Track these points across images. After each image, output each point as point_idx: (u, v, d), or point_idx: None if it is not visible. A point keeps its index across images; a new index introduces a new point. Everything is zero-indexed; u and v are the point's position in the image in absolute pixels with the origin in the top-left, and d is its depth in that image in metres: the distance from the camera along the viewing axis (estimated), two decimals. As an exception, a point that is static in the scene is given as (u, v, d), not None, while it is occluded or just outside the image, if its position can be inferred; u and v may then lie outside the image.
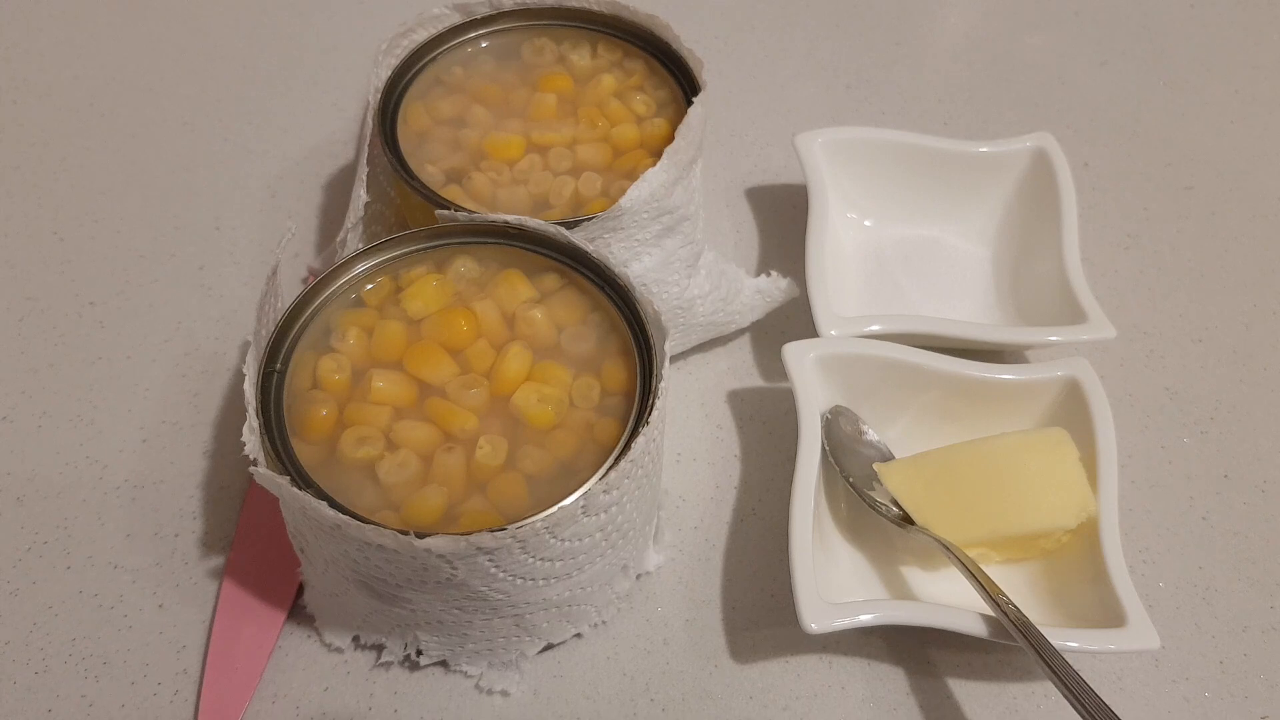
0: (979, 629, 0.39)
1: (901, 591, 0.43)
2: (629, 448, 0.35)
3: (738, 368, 0.52)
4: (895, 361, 0.46)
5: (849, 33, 0.71)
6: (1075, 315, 0.48)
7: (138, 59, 0.67)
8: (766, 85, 0.67)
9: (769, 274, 0.51)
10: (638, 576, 0.44)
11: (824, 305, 0.48)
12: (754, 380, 0.52)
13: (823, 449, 0.43)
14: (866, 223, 0.56)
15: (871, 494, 0.43)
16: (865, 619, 0.38)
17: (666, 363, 0.37)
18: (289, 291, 0.40)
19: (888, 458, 0.45)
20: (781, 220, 0.58)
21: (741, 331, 0.53)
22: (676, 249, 0.46)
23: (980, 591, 0.39)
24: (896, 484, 0.43)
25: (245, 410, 0.35)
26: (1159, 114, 0.66)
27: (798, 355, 0.45)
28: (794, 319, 0.52)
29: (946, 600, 0.42)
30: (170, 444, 0.48)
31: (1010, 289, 0.53)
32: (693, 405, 0.50)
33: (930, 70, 0.69)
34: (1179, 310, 0.55)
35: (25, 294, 0.54)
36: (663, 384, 0.37)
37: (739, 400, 0.51)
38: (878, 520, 0.44)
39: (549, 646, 0.42)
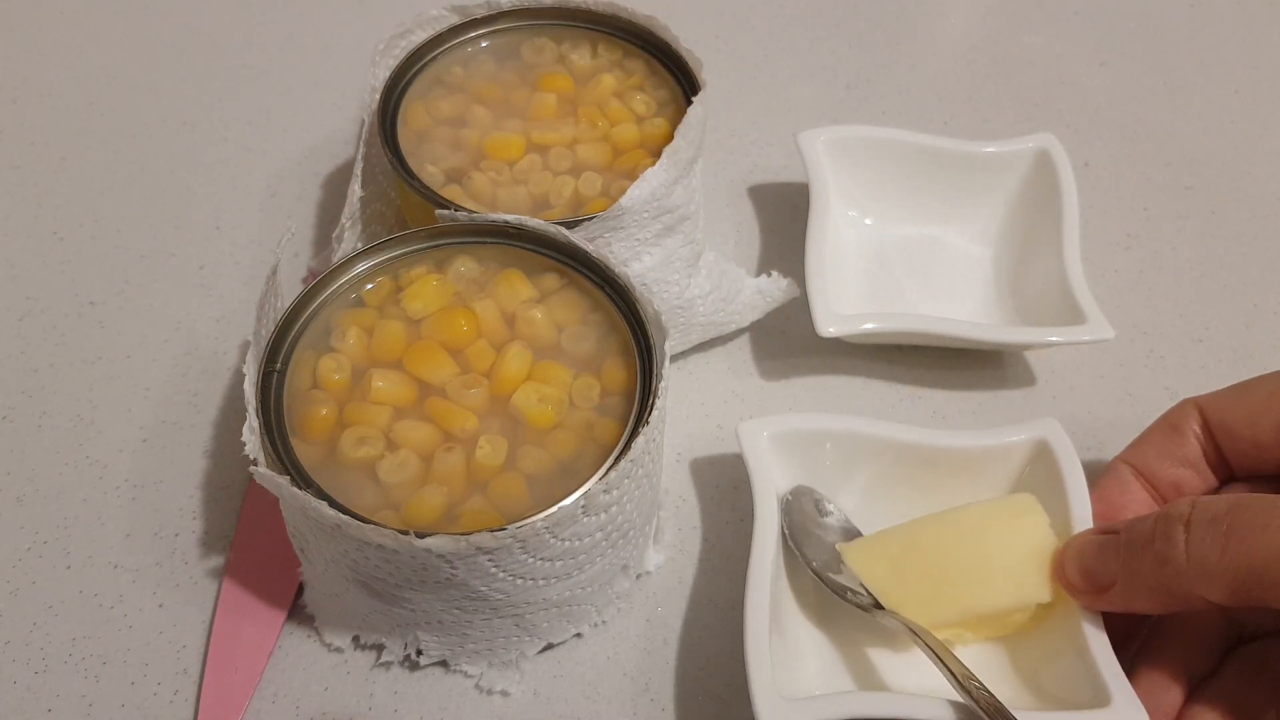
0: (949, 718, 0.35)
1: (873, 679, 0.40)
2: (629, 448, 0.35)
3: (738, 368, 0.52)
4: (856, 435, 0.43)
5: (849, 33, 0.71)
6: (1075, 315, 0.48)
7: (138, 59, 0.67)
8: (766, 85, 0.67)
9: (769, 274, 0.51)
10: (638, 576, 0.44)
11: (823, 304, 0.48)
12: (754, 380, 0.52)
13: (783, 534, 0.41)
14: (867, 221, 0.56)
15: (838, 579, 0.40)
16: (828, 716, 0.35)
17: (666, 363, 0.37)
18: (289, 291, 0.40)
19: (853, 534, 0.42)
20: (782, 220, 0.58)
21: (741, 331, 0.53)
22: (677, 248, 0.46)
23: (949, 678, 0.36)
24: (860, 565, 0.40)
25: (245, 410, 0.35)
26: (1159, 114, 0.66)
27: (752, 435, 0.42)
28: (794, 319, 0.52)
29: (921, 686, 0.38)
30: (170, 444, 0.48)
31: (1010, 289, 0.53)
32: (693, 405, 0.50)
33: (930, 70, 0.69)
34: (1179, 310, 0.55)
35: (25, 294, 0.54)
36: (663, 384, 0.37)
37: (739, 400, 0.51)
38: (846, 604, 0.41)
39: (549, 646, 0.42)
